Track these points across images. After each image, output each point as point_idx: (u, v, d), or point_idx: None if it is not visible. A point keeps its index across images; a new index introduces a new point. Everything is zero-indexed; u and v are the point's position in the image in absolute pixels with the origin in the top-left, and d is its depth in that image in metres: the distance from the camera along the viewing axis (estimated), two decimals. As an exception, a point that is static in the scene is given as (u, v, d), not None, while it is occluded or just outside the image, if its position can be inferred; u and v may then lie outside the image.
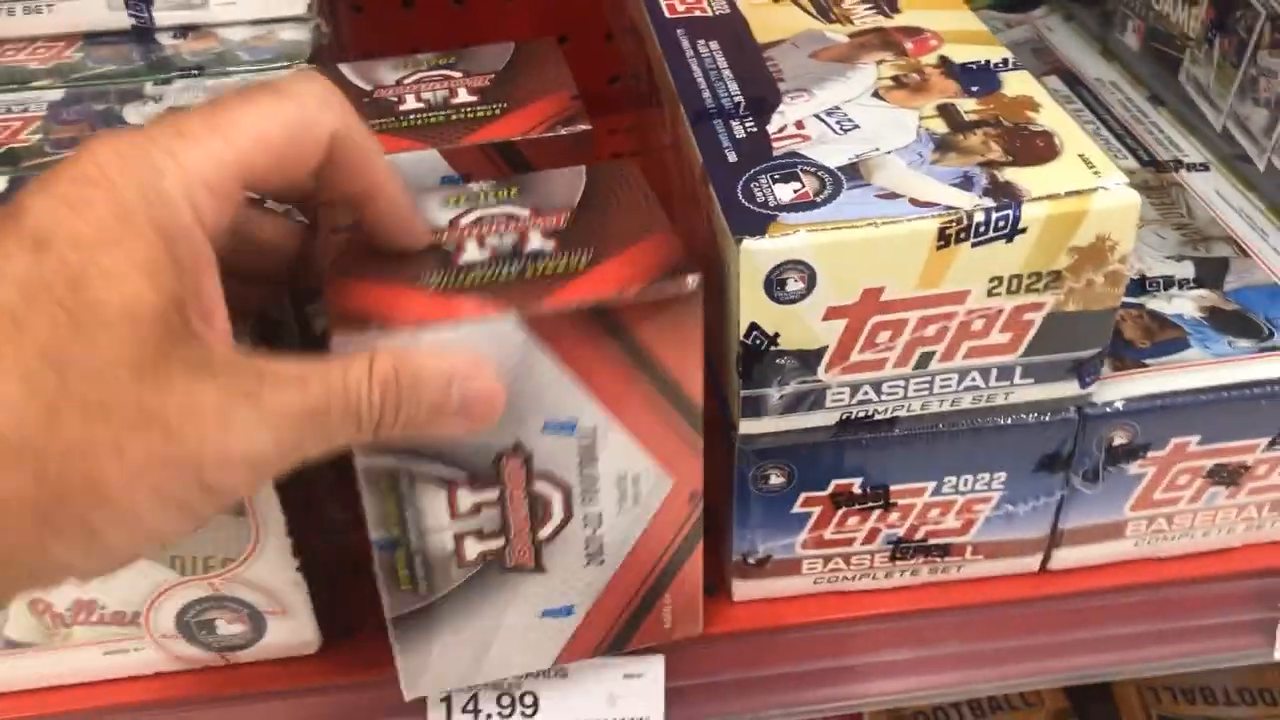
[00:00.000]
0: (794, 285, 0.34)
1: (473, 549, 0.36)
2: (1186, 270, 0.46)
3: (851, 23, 0.44)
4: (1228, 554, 0.45)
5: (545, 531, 0.36)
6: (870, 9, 0.45)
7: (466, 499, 0.35)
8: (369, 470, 0.34)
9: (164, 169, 0.28)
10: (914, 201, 0.34)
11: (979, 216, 0.34)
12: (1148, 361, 0.42)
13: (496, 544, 0.36)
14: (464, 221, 0.35)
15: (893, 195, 0.34)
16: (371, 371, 0.30)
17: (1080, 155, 0.36)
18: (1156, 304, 0.44)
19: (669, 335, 0.33)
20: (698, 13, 0.46)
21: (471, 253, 0.33)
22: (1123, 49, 0.58)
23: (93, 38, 0.54)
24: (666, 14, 0.46)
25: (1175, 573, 0.45)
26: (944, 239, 0.34)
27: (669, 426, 0.35)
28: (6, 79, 0.51)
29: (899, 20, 0.44)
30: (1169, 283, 0.45)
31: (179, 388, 0.27)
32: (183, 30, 0.54)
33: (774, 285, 0.34)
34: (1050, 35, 0.62)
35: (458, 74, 0.46)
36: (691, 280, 0.32)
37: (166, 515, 0.27)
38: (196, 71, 0.51)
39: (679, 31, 0.45)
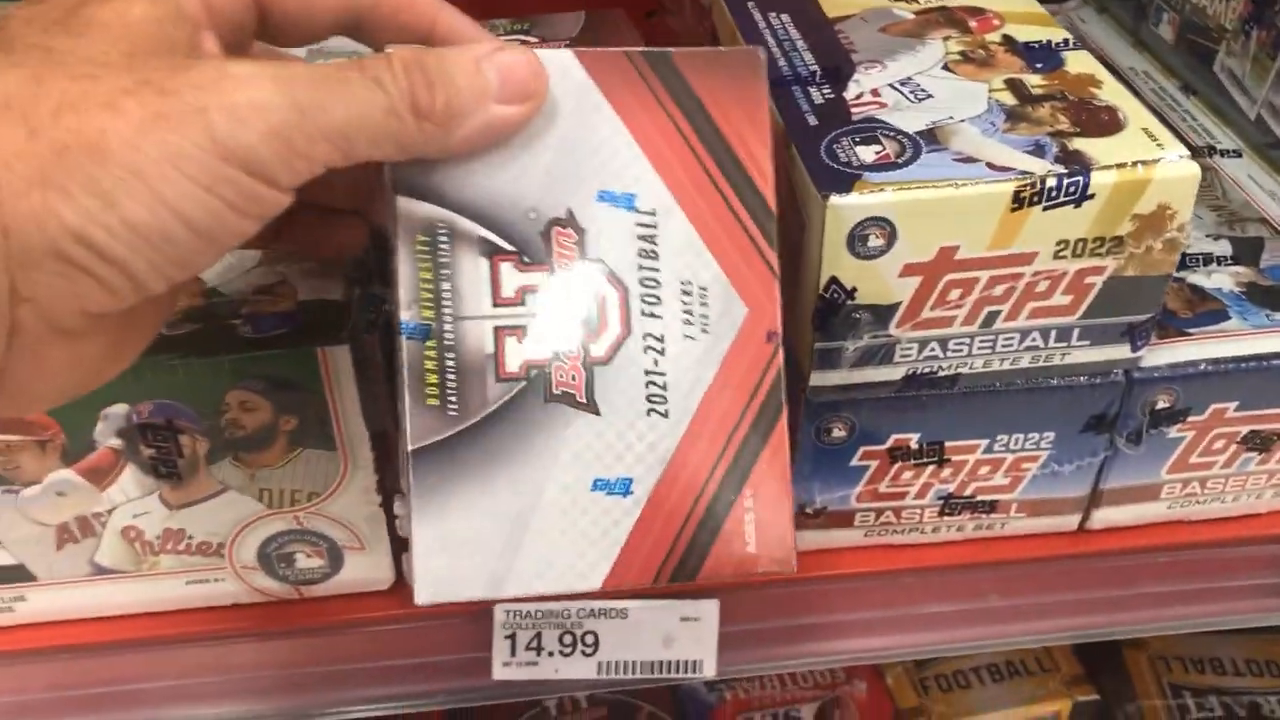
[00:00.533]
0: (875, 241, 0.36)
1: (514, 356, 0.32)
2: (1224, 248, 0.48)
3: (916, 0, 0.46)
4: (1255, 519, 0.47)
5: (599, 348, 0.33)
6: (933, -12, 0.47)
7: (512, 279, 0.32)
8: (408, 218, 0.32)
9: None
10: (990, 166, 0.36)
11: (1051, 181, 0.36)
12: (1190, 330, 0.44)
13: (542, 354, 0.33)
14: None
15: (970, 159, 0.36)
16: (391, 57, 0.29)
17: (1143, 129, 0.38)
18: (1196, 278, 0.46)
19: (734, 107, 0.33)
20: (767, -13, 0.48)
21: None
22: (1156, 40, 0.60)
23: None
24: (737, -13, 0.48)
25: (1204, 535, 0.47)
26: (1018, 201, 0.36)
27: (739, 231, 0.34)
28: None
29: (962, 0, 0.46)
30: (1208, 259, 0.47)
31: (177, 64, 0.27)
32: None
33: (856, 241, 0.36)
34: (1083, 26, 0.64)
35: (534, 39, 0.47)
36: (755, 48, 0.33)
37: (184, 186, 0.26)
38: None
39: (750, 4, 0.46)
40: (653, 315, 0.33)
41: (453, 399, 0.32)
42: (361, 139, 0.29)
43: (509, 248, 0.32)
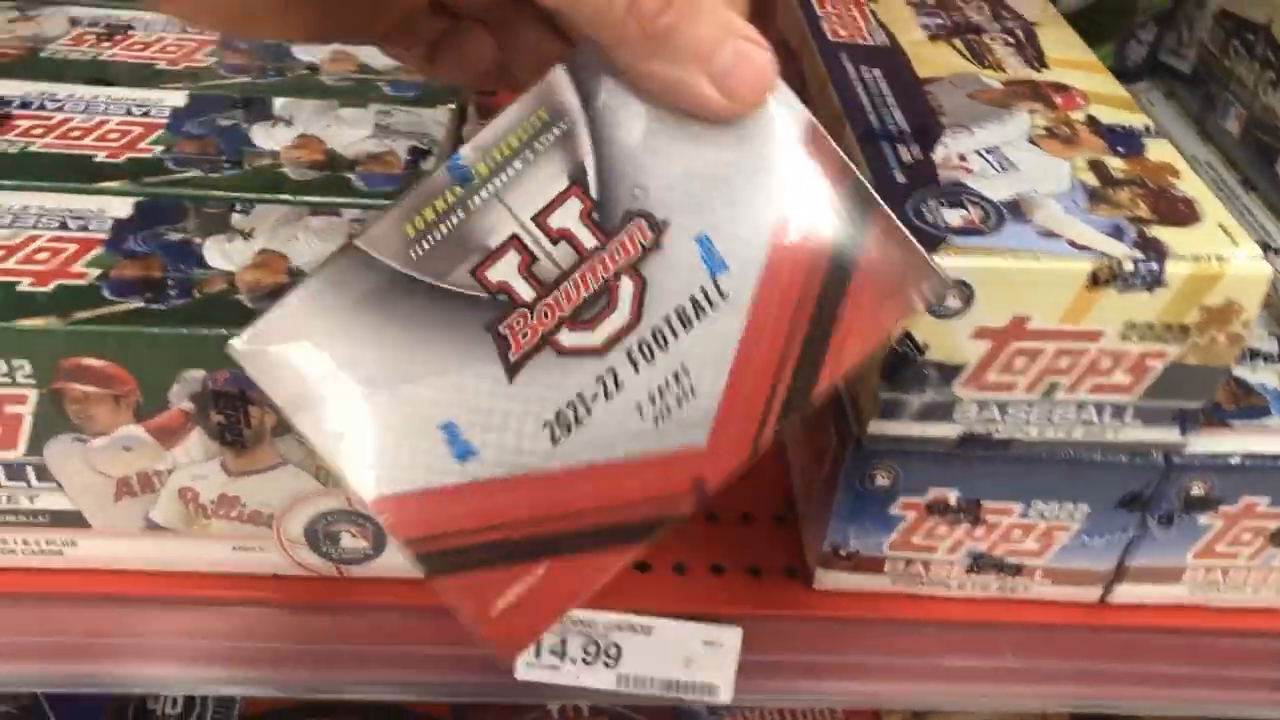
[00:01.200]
0: (953, 302, 0.37)
1: (502, 272, 0.30)
2: (1271, 346, 0.49)
3: (1004, 70, 0.47)
4: (1273, 614, 0.48)
5: (566, 339, 0.31)
6: (1020, 61, 0.48)
7: (567, 217, 0.30)
8: (548, 92, 0.30)
9: None
10: (1071, 243, 0.37)
11: (1128, 265, 0.37)
12: (1232, 422, 0.45)
13: (522, 295, 0.30)
14: None
15: (1052, 234, 0.38)
16: None
17: (1220, 224, 0.39)
18: (1242, 372, 0.47)
19: (871, 303, 0.31)
20: (859, 40, 0.49)
21: None
22: (1221, 133, 0.61)
23: (227, 39, 0.53)
24: (829, 37, 0.49)
25: (1221, 623, 0.48)
26: (1094, 281, 0.37)
27: (764, 393, 0.31)
28: (132, 77, 0.50)
29: (1048, 75, 0.47)
30: (1254, 354, 0.48)
31: None
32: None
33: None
34: (1151, 110, 0.65)
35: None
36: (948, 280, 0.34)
37: None
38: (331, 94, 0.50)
39: (843, 55, 0.48)
40: (632, 366, 0.31)
41: (424, 246, 0.30)
42: None
43: (593, 194, 0.30)
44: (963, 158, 0.41)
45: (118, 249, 0.40)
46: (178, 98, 0.49)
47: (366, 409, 0.30)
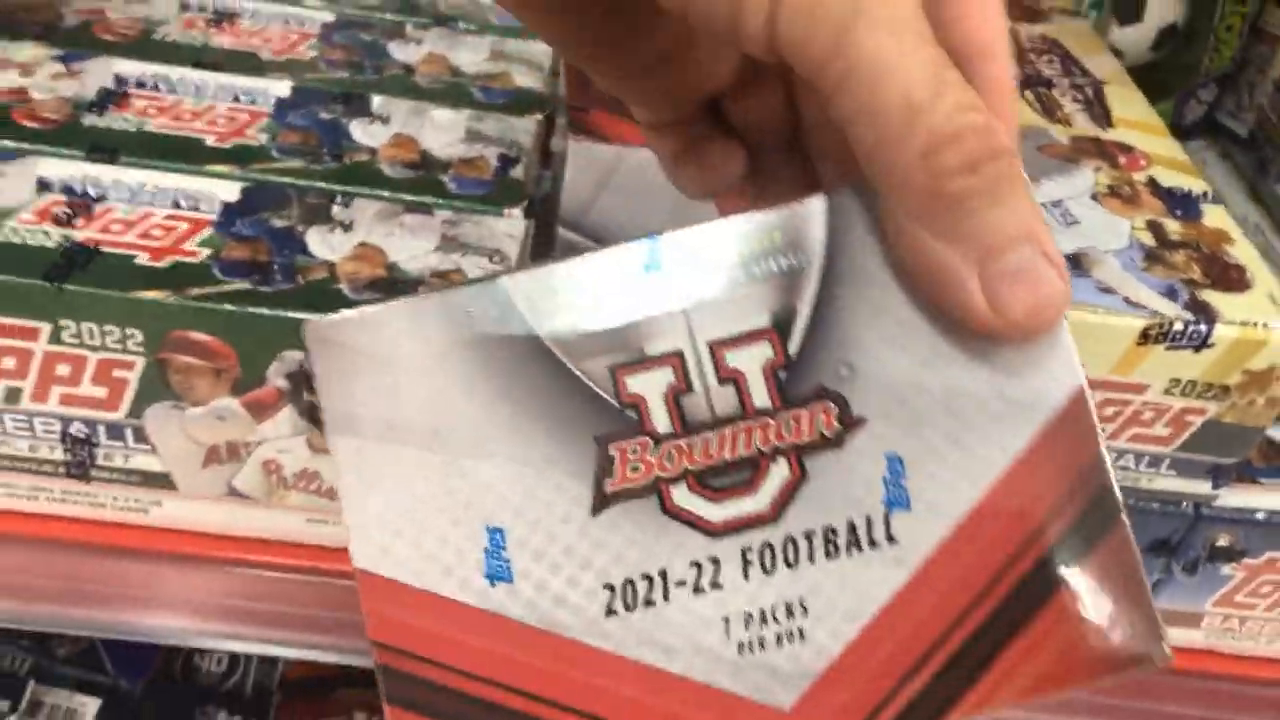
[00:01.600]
0: (1009, 346, 0.39)
1: (640, 387, 0.25)
2: (1306, 409, 0.51)
3: (1071, 126, 0.50)
4: (1284, 664, 0.51)
5: (717, 511, 0.24)
6: (1088, 119, 0.50)
7: (749, 360, 0.25)
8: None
9: None
10: (1127, 300, 0.40)
11: (1178, 325, 0.39)
12: (1262, 480, 0.47)
13: (667, 435, 0.24)
14: None
15: (1109, 290, 0.40)
16: (991, 94, 0.23)
17: (1269, 293, 0.41)
18: (1276, 432, 0.50)
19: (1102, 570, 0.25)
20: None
21: None
22: (1273, 197, 0.63)
23: (327, 35, 0.56)
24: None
25: (1234, 669, 0.50)
26: (1145, 337, 0.39)
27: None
28: (237, 64, 0.53)
29: (1113, 135, 0.49)
30: (1288, 416, 0.51)
31: None
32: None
33: (992, 342, 0.39)
34: (1205, 168, 0.67)
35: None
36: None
37: None
38: (425, 96, 0.52)
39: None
40: (742, 569, 0.24)
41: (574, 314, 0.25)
42: (879, 106, 0.21)
43: (790, 350, 0.24)
44: (1028, 209, 0.44)
45: (226, 230, 0.43)
46: (282, 88, 0.51)
47: (414, 463, 0.24)
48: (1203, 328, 0.39)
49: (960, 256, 0.22)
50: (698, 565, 0.24)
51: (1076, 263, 0.41)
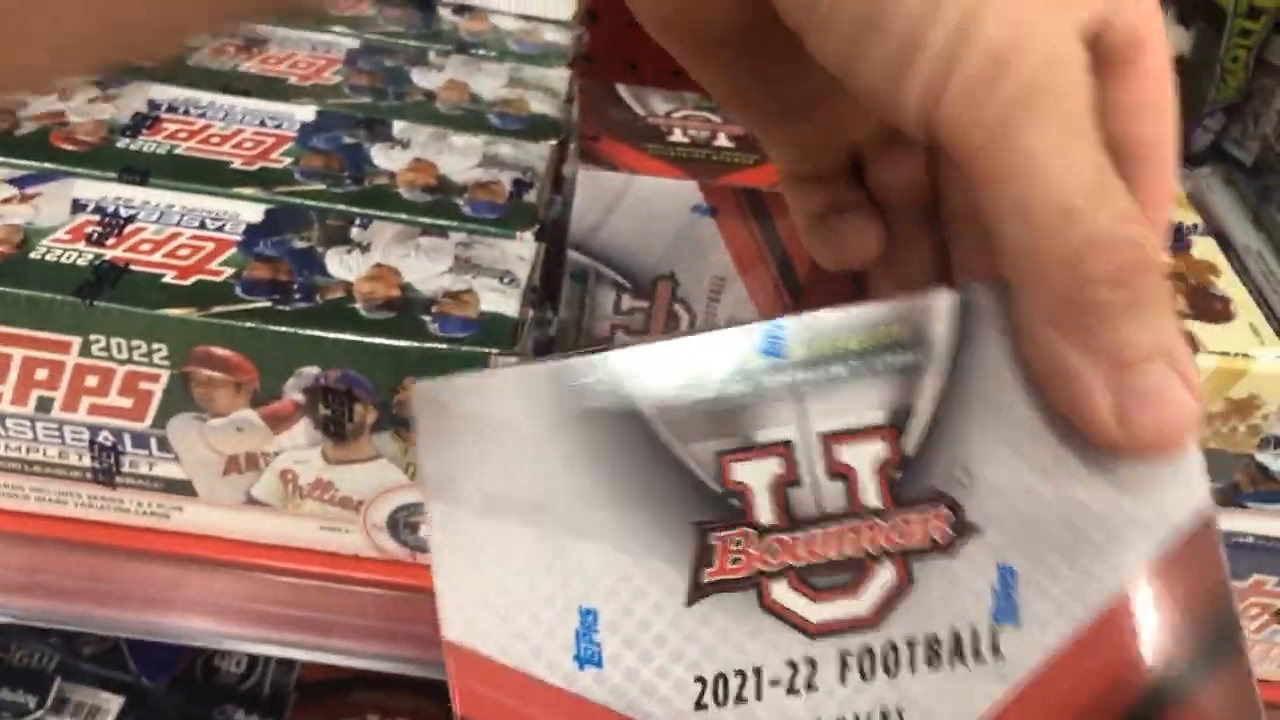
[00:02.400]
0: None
1: (747, 476, 0.24)
2: (1296, 436, 0.52)
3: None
4: (1271, 685, 0.52)
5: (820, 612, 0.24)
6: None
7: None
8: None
9: None
10: (1110, 329, 0.41)
11: (1160, 355, 0.41)
12: (1247, 504, 0.48)
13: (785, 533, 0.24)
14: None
15: (1093, 320, 0.41)
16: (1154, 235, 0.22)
17: (1250, 324, 0.42)
18: (1265, 458, 0.51)
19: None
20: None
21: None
22: (1275, 225, 0.64)
23: (353, 60, 0.58)
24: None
25: (1223, 690, 0.51)
26: (1127, 366, 0.41)
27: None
28: (266, 89, 0.55)
29: (1108, 166, 0.51)
30: (1278, 443, 0.52)
31: None
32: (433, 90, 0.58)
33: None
34: (1210, 195, 0.68)
35: (718, 119, 0.53)
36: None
37: None
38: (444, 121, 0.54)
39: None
40: (839, 673, 0.24)
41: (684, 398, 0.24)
42: (1040, 217, 0.21)
43: (907, 450, 0.24)
44: (1019, 239, 0.45)
45: (249, 251, 0.45)
46: (307, 113, 0.53)
47: (512, 537, 0.24)
48: (1184, 357, 0.41)
49: (1093, 367, 0.22)
50: (794, 665, 0.23)
51: (1063, 292, 0.42)
